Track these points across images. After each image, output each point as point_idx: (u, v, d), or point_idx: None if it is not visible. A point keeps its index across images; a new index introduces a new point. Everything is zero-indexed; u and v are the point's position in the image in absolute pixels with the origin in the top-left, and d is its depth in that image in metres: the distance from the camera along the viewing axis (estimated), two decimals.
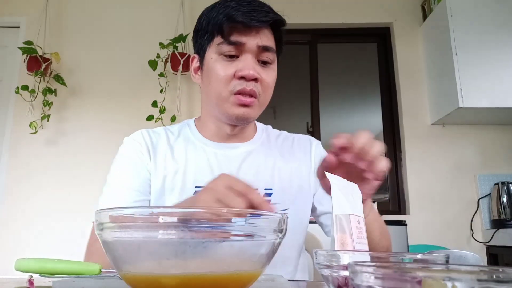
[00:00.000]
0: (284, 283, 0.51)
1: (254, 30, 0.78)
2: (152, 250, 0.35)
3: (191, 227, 0.33)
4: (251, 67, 0.77)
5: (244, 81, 0.78)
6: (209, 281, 0.33)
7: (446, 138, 2.50)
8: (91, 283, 0.50)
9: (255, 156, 0.88)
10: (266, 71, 0.81)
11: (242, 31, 0.77)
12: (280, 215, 0.38)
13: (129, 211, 0.37)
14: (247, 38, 0.78)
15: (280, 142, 0.95)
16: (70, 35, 2.66)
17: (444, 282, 0.22)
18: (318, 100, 2.72)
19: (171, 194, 0.82)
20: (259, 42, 0.78)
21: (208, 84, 0.82)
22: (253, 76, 0.77)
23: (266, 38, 0.80)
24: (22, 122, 2.44)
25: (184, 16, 2.59)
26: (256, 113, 0.83)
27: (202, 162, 0.85)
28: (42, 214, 2.36)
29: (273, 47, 0.81)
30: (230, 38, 0.77)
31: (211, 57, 0.81)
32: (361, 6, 2.74)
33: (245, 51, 0.78)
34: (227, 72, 0.78)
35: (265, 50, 0.79)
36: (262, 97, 0.81)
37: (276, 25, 0.82)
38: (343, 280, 0.37)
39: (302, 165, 0.90)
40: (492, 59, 2.25)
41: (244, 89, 0.77)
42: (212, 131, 0.88)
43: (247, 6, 0.77)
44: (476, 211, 2.37)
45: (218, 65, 0.79)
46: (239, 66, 0.78)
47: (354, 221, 0.52)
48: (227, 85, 0.78)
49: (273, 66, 0.83)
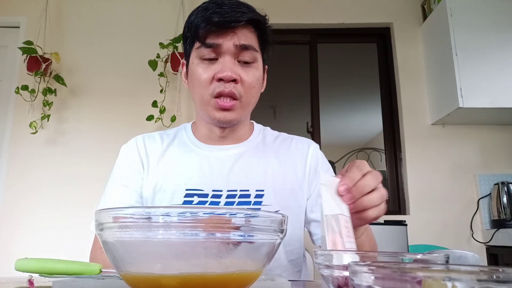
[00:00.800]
0: (284, 283, 0.51)
1: (231, 30, 0.77)
2: (152, 250, 0.35)
3: (191, 227, 0.33)
4: (228, 68, 0.77)
5: (223, 83, 0.78)
6: (209, 281, 0.33)
7: (446, 138, 2.50)
8: (91, 283, 0.50)
9: (247, 158, 0.88)
10: (247, 71, 0.80)
11: (218, 33, 0.77)
12: (280, 215, 0.38)
13: (129, 211, 0.37)
14: (223, 39, 0.77)
15: (277, 143, 0.94)
16: (70, 35, 2.66)
17: (444, 282, 0.22)
18: (318, 100, 2.72)
19: (162, 197, 0.83)
20: (236, 41, 0.77)
21: (192, 88, 0.83)
22: (230, 77, 0.77)
23: (245, 37, 0.79)
24: (22, 122, 2.44)
25: (184, 16, 2.59)
26: (239, 115, 0.82)
27: (193, 165, 0.86)
28: (42, 214, 2.36)
29: (253, 45, 0.80)
30: (206, 41, 0.78)
31: (192, 61, 0.82)
32: (361, 6, 2.74)
33: (223, 53, 0.78)
34: (206, 75, 0.79)
35: (244, 49, 0.78)
36: (244, 98, 0.81)
37: (257, 24, 0.81)
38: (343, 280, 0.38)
39: (297, 168, 0.89)
40: (492, 59, 2.24)
41: (223, 91, 0.77)
42: (205, 134, 0.89)
43: (224, 7, 0.77)
44: (476, 211, 2.37)
45: (199, 69, 0.80)
46: (218, 68, 0.78)
47: (343, 221, 0.52)
48: (207, 88, 0.79)
49: (256, 65, 0.82)
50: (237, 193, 0.83)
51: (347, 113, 4.92)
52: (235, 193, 0.83)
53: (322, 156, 0.94)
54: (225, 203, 0.81)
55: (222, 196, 0.82)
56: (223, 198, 0.82)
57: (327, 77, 2.97)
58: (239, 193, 0.83)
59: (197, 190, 0.83)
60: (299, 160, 0.91)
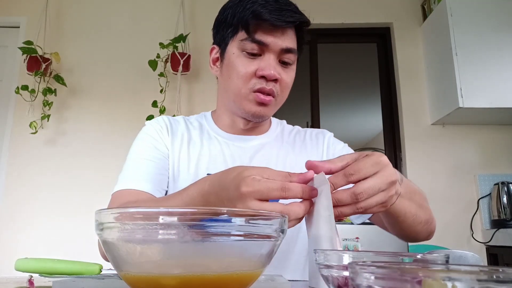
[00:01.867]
0: (284, 283, 0.51)
1: (280, 30, 0.77)
2: (152, 250, 0.35)
3: (191, 227, 0.33)
4: (273, 68, 0.77)
5: (264, 80, 0.78)
6: (209, 281, 0.33)
7: (446, 138, 2.50)
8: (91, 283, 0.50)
9: (268, 149, 0.90)
10: (286, 71, 0.81)
11: (267, 30, 0.77)
12: (280, 215, 0.38)
13: (129, 211, 0.37)
14: (272, 39, 0.77)
15: (292, 136, 0.96)
16: (70, 35, 2.66)
17: (444, 282, 0.22)
18: (318, 100, 2.72)
19: (184, 178, 0.84)
20: (283, 44, 0.78)
21: (228, 79, 0.82)
22: (274, 76, 0.78)
23: (290, 39, 0.79)
24: (22, 122, 2.44)
25: (184, 16, 2.59)
26: (272, 112, 0.85)
27: (215, 151, 0.87)
28: (42, 214, 2.36)
29: (295, 48, 0.81)
30: (255, 36, 0.77)
31: (233, 52, 0.81)
32: (361, 6, 2.74)
33: (268, 51, 0.78)
34: (248, 69, 0.78)
35: (287, 51, 0.79)
36: (279, 97, 0.83)
37: (300, 26, 0.82)
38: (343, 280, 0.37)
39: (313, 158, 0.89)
40: (492, 59, 2.24)
41: (264, 88, 0.78)
42: (227, 124, 0.90)
43: (274, 4, 0.76)
44: (476, 211, 2.37)
45: (239, 61, 0.79)
46: (261, 65, 0.78)
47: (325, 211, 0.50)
48: (247, 82, 0.79)
49: (293, 67, 0.84)
50: None
51: (347, 113, 4.92)
52: None
53: (337, 142, 0.96)
54: None
55: None
56: None
57: (327, 77, 2.97)
58: None
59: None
60: (315, 152, 0.93)
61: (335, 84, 3.99)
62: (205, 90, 2.53)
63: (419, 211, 0.73)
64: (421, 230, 0.76)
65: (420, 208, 0.74)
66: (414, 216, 0.71)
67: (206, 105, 2.46)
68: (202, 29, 2.63)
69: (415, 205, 0.72)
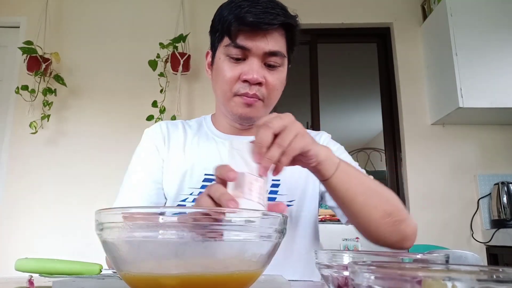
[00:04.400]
0: (284, 283, 0.51)
1: (262, 33, 0.77)
2: (152, 250, 0.35)
3: (191, 227, 0.33)
4: (255, 72, 0.77)
5: (248, 84, 0.79)
6: (209, 281, 0.33)
7: (446, 138, 2.50)
8: (91, 283, 0.50)
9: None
10: (272, 74, 0.81)
11: (249, 35, 0.77)
12: (280, 215, 0.38)
13: (130, 211, 0.37)
14: (254, 43, 0.77)
15: None
16: (70, 35, 2.66)
17: (444, 282, 0.22)
18: (318, 100, 2.72)
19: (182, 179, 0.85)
20: (266, 47, 0.77)
21: (216, 83, 0.85)
22: (256, 80, 0.78)
23: (274, 42, 0.79)
24: (22, 122, 2.44)
25: (184, 16, 2.59)
26: (260, 114, 0.83)
27: (212, 151, 0.88)
28: (42, 214, 2.36)
29: (282, 51, 0.80)
30: (237, 41, 0.77)
31: (219, 57, 0.82)
32: (361, 6, 2.74)
33: (251, 55, 0.78)
34: (232, 73, 0.79)
35: (272, 55, 0.79)
36: (267, 100, 0.82)
37: (288, 27, 0.81)
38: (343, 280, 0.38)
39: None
40: (492, 59, 2.24)
41: (247, 93, 0.79)
42: (225, 126, 0.91)
43: (258, 7, 0.75)
44: (476, 211, 2.37)
45: (225, 66, 0.81)
46: (244, 69, 0.78)
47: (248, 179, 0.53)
48: (232, 86, 0.80)
49: (281, 68, 0.83)
50: None
51: (347, 113, 4.93)
52: None
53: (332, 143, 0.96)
54: None
55: None
56: None
57: (327, 77, 2.97)
58: None
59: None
60: None
61: (335, 84, 3.99)
62: (205, 90, 2.53)
63: (373, 196, 0.70)
64: (383, 224, 0.70)
65: (378, 196, 0.71)
66: (364, 197, 0.69)
67: (206, 105, 2.46)
68: (202, 29, 2.63)
69: (365, 187, 0.70)
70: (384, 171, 2.70)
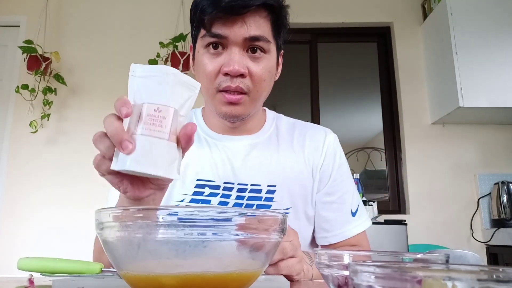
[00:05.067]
0: (284, 283, 0.51)
1: (240, 18, 0.69)
2: (152, 249, 0.35)
3: (191, 227, 0.33)
4: (236, 62, 0.70)
5: (229, 77, 0.71)
6: (209, 281, 0.33)
7: (446, 137, 2.50)
8: (91, 282, 0.50)
9: (260, 150, 0.83)
10: (257, 63, 0.73)
11: (225, 21, 0.69)
12: (280, 215, 0.38)
13: (130, 211, 0.37)
14: (230, 30, 0.69)
15: (291, 134, 0.87)
16: (70, 35, 2.66)
17: (444, 282, 0.22)
18: (318, 100, 2.72)
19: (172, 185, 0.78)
20: (245, 33, 0.70)
21: (198, 79, 0.75)
22: (237, 72, 0.70)
23: (255, 26, 0.70)
24: (22, 121, 2.44)
25: (184, 15, 2.59)
26: (248, 109, 0.77)
27: (205, 155, 0.82)
28: (42, 213, 2.36)
29: (265, 35, 0.72)
30: (212, 30, 0.70)
31: (198, 50, 0.75)
32: (361, 5, 2.74)
33: (230, 44, 0.71)
34: (212, 67, 0.72)
35: (254, 40, 0.71)
36: (253, 92, 0.74)
37: (271, 7, 0.72)
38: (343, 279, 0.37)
39: (310, 162, 0.84)
40: (492, 59, 2.24)
41: (229, 86, 0.71)
42: (215, 124, 0.85)
43: None
44: (476, 210, 2.37)
45: (204, 59, 0.73)
46: (224, 61, 0.71)
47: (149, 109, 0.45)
48: (213, 81, 0.73)
49: (267, 56, 0.74)
50: (247, 187, 0.79)
51: (347, 112, 4.92)
52: (245, 187, 0.79)
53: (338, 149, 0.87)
54: (235, 197, 0.78)
55: (233, 189, 0.79)
56: (234, 192, 0.79)
57: (327, 77, 2.96)
58: (250, 188, 0.79)
59: (209, 181, 0.80)
60: (314, 153, 0.84)
61: (335, 83, 3.99)
62: None
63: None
64: None
65: None
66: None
67: None
68: None
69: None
70: (384, 171, 2.70)
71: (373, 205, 2.13)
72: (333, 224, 0.83)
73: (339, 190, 0.84)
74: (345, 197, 0.84)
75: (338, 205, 0.83)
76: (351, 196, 0.85)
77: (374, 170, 3.46)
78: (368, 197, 2.31)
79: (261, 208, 0.79)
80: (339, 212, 0.83)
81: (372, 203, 2.14)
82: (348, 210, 0.84)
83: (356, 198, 0.86)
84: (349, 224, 0.83)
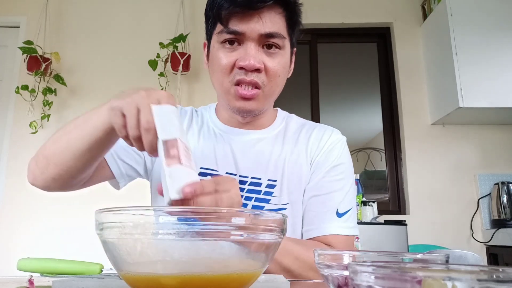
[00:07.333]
0: (284, 283, 0.51)
1: (256, 13, 0.70)
2: (152, 250, 0.35)
3: (191, 227, 0.33)
4: (251, 57, 0.71)
5: (244, 71, 0.73)
6: (209, 281, 0.33)
7: (446, 138, 2.50)
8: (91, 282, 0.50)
9: (264, 145, 0.84)
10: (272, 58, 0.74)
11: (242, 17, 0.71)
12: (280, 215, 0.38)
13: (130, 211, 0.37)
14: (247, 26, 0.71)
15: (297, 132, 0.88)
16: (70, 35, 2.66)
17: (444, 282, 0.22)
18: (318, 100, 2.72)
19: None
20: (261, 29, 0.71)
21: (213, 74, 0.79)
22: (253, 66, 0.71)
23: (271, 22, 0.72)
24: (22, 122, 2.44)
25: (184, 16, 2.59)
26: (261, 105, 0.78)
27: (210, 145, 0.84)
28: (42, 214, 2.36)
29: (280, 32, 0.74)
30: (229, 26, 0.72)
31: (213, 45, 0.77)
32: (361, 6, 2.74)
33: (246, 39, 0.72)
34: (227, 61, 0.74)
35: (270, 37, 0.73)
36: (267, 88, 0.75)
37: (285, 4, 0.74)
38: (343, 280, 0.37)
39: (308, 159, 0.84)
40: (492, 59, 2.25)
41: (244, 79, 0.73)
42: (226, 117, 0.86)
43: None
44: (476, 211, 2.37)
45: (219, 54, 0.75)
46: (240, 55, 0.73)
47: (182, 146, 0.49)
48: (228, 75, 0.74)
49: (282, 52, 0.76)
50: (248, 180, 0.80)
51: (347, 113, 4.92)
52: (246, 179, 0.80)
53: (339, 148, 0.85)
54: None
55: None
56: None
57: (327, 77, 2.96)
58: (250, 180, 0.80)
59: (211, 170, 0.81)
60: (315, 149, 0.84)
61: (335, 84, 3.98)
62: (205, 89, 2.53)
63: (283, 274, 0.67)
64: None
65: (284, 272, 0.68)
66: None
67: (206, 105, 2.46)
68: (202, 29, 2.60)
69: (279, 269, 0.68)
70: (384, 171, 2.70)
71: (373, 206, 2.13)
72: (314, 217, 0.80)
73: (329, 187, 0.81)
74: (334, 195, 0.81)
75: (324, 200, 0.80)
76: (342, 197, 0.81)
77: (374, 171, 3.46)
78: (368, 198, 2.30)
79: (260, 201, 0.79)
80: (323, 208, 0.80)
81: (372, 203, 2.14)
82: (334, 209, 0.80)
83: (349, 202, 0.82)
84: (331, 222, 0.78)
